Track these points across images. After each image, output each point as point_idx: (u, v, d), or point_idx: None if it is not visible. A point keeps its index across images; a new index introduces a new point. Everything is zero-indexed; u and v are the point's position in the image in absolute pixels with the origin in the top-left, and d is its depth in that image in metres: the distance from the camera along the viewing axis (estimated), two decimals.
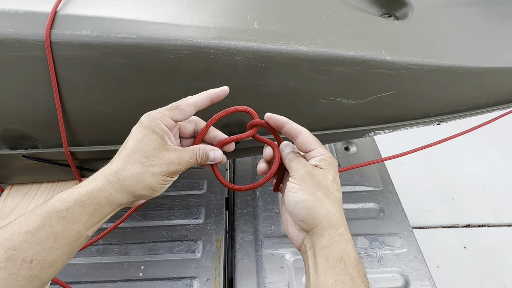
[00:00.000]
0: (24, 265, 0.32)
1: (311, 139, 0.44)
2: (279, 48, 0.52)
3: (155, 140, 0.39)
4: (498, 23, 0.69)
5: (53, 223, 0.34)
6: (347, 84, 0.57)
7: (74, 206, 0.35)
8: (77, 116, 0.55)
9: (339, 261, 0.37)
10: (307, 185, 0.40)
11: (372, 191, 0.92)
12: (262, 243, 0.79)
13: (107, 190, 0.37)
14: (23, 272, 0.32)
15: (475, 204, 1.77)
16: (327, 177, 0.41)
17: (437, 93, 0.62)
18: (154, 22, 0.51)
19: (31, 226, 0.33)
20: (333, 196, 0.41)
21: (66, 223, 0.35)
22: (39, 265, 0.33)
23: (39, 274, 0.33)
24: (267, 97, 0.56)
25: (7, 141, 0.57)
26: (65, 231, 0.35)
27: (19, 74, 0.51)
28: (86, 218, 0.36)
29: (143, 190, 0.39)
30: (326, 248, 0.38)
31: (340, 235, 0.39)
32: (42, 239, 0.33)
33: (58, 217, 0.35)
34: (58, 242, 0.34)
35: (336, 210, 0.40)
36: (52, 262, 0.34)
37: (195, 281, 0.72)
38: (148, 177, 0.38)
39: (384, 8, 0.71)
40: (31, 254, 0.32)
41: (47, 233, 0.34)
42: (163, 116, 0.40)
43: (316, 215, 0.39)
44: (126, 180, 0.38)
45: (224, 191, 0.90)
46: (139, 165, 0.38)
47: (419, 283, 0.73)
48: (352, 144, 1.07)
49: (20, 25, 0.49)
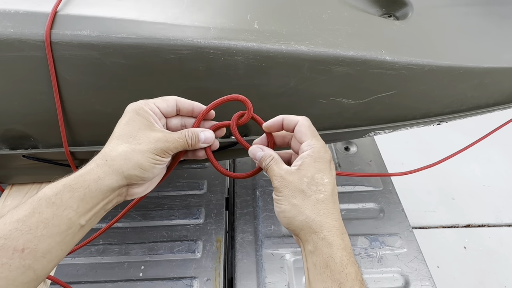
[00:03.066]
0: (16, 254, 0.31)
1: (304, 129, 0.42)
2: (279, 48, 0.52)
3: (140, 122, 0.39)
4: (498, 23, 0.69)
5: (42, 209, 0.33)
6: (347, 84, 0.57)
7: (63, 191, 0.35)
8: (77, 116, 0.55)
9: (325, 267, 0.37)
10: (284, 194, 0.40)
11: (372, 191, 0.92)
12: (262, 243, 0.79)
13: (95, 173, 0.36)
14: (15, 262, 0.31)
15: (475, 204, 1.77)
16: (302, 180, 0.40)
17: (437, 93, 0.62)
18: (154, 22, 0.51)
19: (21, 214, 0.33)
20: (312, 199, 0.39)
21: (56, 209, 0.34)
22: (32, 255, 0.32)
23: (32, 264, 0.32)
24: (267, 97, 0.56)
25: (7, 141, 0.57)
26: (55, 217, 0.34)
27: (19, 74, 0.51)
28: (76, 203, 0.35)
29: (132, 169, 0.38)
30: (312, 254, 0.38)
31: (322, 239, 0.38)
32: (33, 226, 0.33)
33: (47, 203, 0.34)
34: (49, 230, 0.33)
35: (315, 214, 0.39)
36: (44, 251, 0.33)
37: (195, 281, 0.72)
38: (136, 154, 0.38)
39: (384, 8, 0.71)
40: (22, 243, 0.32)
41: (37, 220, 0.33)
42: (146, 102, 0.41)
43: (296, 223, 0.39)
44: (114, 160, 0.37)
45: (224, 191, 0.90)
46: (126, 145, 0.38)
47: (419, 283, 0.73)
48: (352, 144, 1.07)
49: (20, 25, 0.49)
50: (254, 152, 0.44)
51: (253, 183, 0.93)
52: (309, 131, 0.42)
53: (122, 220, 0.81)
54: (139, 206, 0.85)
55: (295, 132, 0.43)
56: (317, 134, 0.43)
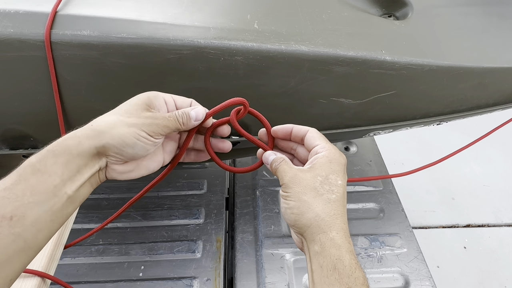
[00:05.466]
0: (4, 222, 0.31)
1: (316, 135, 0.43)
2: (279, 48, 0.52)
3: (138, 101, 0.39)
4: (498, 23, 0.69)
5: (28, 176, 0.33)
6: (347, 84, 0.57)
7: (46, 157, 0.34)
8: (77, 116, 0.55)
9: (333, 269, 0.36)
10: (294, 191, 0.39)
11: (372, 191, 0.92)
12: (262, 243, 0.79)
13: (78, 137, 0.36)
14: (4, 230, 0.31)
15: (475, 204, 1.77)
16: (316, 178, 0.39)
17: (437, 93, 0.62)
18: (154, 22, 0.51)
19: (8, 182, 0.33)
20: (323, 198, 0.38)
21: (41, 175, 0.34)
22: (20, 222, 0.32)
23: (22, 233, 0.32)
24: (267, 97, 0.56)
25: (7, 141, 0.57)
26: (41, 184, 0.33)
27: (19, 74, 0.51)
28: (60, 170, 0.34)
29: (112, 139, 0.36)
30: (318, 255, 0.37)
31: (331, 240, 0.37)
32: (19, 194, 0.32)
33: (32, 170, 0.34)
34: (35, 197, 0.33)
35: (326, 213, 0.38)
36: (33, 220, 0.33)
37: (195, 281, 0.72)
38: (122, 126, 0.37)
39: (384, 8, 0.71)
40: (10, 211, 0.32)
41: (23, 187, 0.33)
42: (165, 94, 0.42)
43: (303, 220, 0.38)
44: (99, 125, 0.37)
45: (224, 191, 0.90)
46: (116, 116, 0.38)
47: (419, 283, 0.73)
48: (352, 144, 1.07)
49: (20, 25, 0.49)
50: (267, 156, 0.45)
51: (253, 183, 0.93)
52: (321, 136, 0.43)
53: (122, 220, 0.82)
54: (139, 206, 0.85)
55: (306, 139, 0.43)
56: (328, 141, 0.43)
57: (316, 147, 0.42)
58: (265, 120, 0.46)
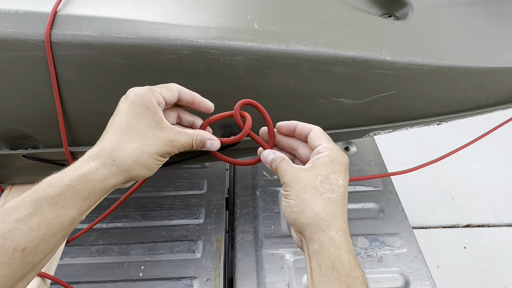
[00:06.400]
0: (16, 253, 0.31)
1: (320, 134, 0.43)
2: (279, 48, 0.52)
3: (150, 118, 0.38)
4: (498, 23, 0.69)
5: (45, 209, 0.33)
6: (347, 84, 0.57)
7: (66, 192, 0.34)
8: (77, 116, 0.55)
9: (332, 268, 0.36)
10: (294, 189, 0.39)
11: (372, 191, 0.92)
12: (262, 243, 0.79)
13: (101, 173, 0.36)
14: (15, 260, 0.31)
15: (475, 204, 1.77)
16: (316, 177, 0.39)
17: (437, 93, 0.62)
18: (154, 22, 0.51)
19: (21, 213, 0.32)
20: (323, 197, 0.39)
21: (59, 209, 0.33)
22: (32, 253, 0.32)
23: (32, 260, 0.32)
24: (267, 97, 0.56)
25: (7, 141, 0.57)
26: (58, 217, 0.33)
27: (19, 74, 0.51)
28: (79, 203, 0.35)
29: (140, 170, 0.37)
30: (317, 254, 0.37)
31: (330, 239, 0.37)
32: (34, 226, 0.32)
33: (50, 203, 0.33)
34: (51, 229, 0.33)
35: (325, 213, 0.38)
36: (45, 248, 0.33)
37: (195, 281, 0.72)
38: (145, 157, 0.37)
39: (384, 8, 0.71)
40: (23, 243, 0.31)
41: (39, 220, 0.32)
42: (153, 92, 0.39)
43: (303, 219, 0.38)
44: (123, 161, 0.36)
45: (224, 191, 0.90)
46: (135, 145, 0.37)
47: (419, 283, 0.73)
48: (352, 144, 1.07)
49: (20, 25, 0.49)
50: (265, 155, 0.45)
51: (253, 183, 0.93)
52: (325, 136, 0.43)
53: (122, 220, 0.82)
54: (139, 206, 0.85)
55: (310, 138, 0.43)
56: (332, 140, 0.43)
57: (319, 146, 0.42)
58: (267, 117, 0.46)
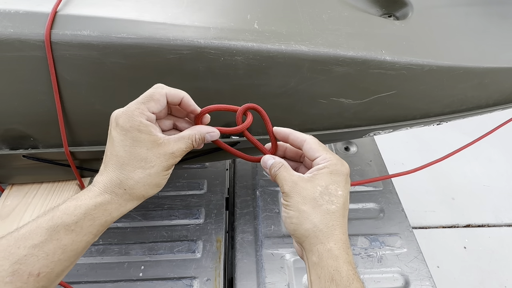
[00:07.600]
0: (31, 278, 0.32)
1: (315, 145, 0.42)
2: (279, 48, 0.52)
3: (146, 140, 0.37)
4: (498, 23, 0.69)
5: (61, 236, 0.34)
6: (347, 84, 0.57)
7: (83, 220, 0.35)
8: (77, 116, 0.55)
9: (330, 280, 0.36)
10: (294, 200, 0.39)
11: (372, 191, 0.92)
12: (262, 243, 0.79)
13: (116, 202, 0.38)
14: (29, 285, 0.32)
15: (475, 204, 1.77)
16: (315, 189, 0.39)
17: (437, 93, 0.62)
18: (154, 22, 0.51)
19: (37, 240, 0.33)
20: (322, 209, 0.38)
21: (75, 235, 0.35)
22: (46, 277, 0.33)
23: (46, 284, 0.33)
24: (267, 97, 0.56)
25: (7, 141, 0.57)
26: (74, 243, 0.35)
27: (19, 74, 0.51)
28: (96, 229, 0.36)
29: (151, 190, 0.39)
30: (316, 266, 0.37)
31: (328, 251, 0.37)
32: (50, 252, 0.33)
33: (66, 230, 0.34)
34: (66, 254, 0.34)
35: (324, 224, 0.38)
36: (59, 272, 0.34)
37: (195, 281, 0.72)
38: (153, 178, 0.38)
39: (384, 8, 0.71)
40: (38, 268, 0.32)
41: (54, 246, 0.34)
42: (141, 111, 0.37)
43: (302, 231, 0.38)
44: (134, 188, 0.38)
45: (224, 191, 0.90)
46: (140, 171, 0.38)
47: (419, 283, 0.73)
48: (352, 144, 1.07)
49: (20, 25, 0.49)
50: (265, 160, 0.45)
51: (253, 183, 0.93)
52: (320, 146, 0.42)
53: (122, 220, 0.82)
54: (139, 206, 0.85)
55: (305, 150, 0.42)
56: (329, 150, 0.42)
57: (317, 159, 0.41)
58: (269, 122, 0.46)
